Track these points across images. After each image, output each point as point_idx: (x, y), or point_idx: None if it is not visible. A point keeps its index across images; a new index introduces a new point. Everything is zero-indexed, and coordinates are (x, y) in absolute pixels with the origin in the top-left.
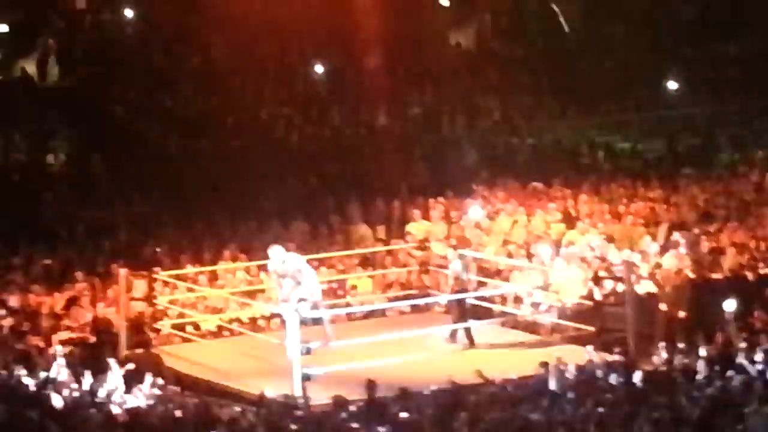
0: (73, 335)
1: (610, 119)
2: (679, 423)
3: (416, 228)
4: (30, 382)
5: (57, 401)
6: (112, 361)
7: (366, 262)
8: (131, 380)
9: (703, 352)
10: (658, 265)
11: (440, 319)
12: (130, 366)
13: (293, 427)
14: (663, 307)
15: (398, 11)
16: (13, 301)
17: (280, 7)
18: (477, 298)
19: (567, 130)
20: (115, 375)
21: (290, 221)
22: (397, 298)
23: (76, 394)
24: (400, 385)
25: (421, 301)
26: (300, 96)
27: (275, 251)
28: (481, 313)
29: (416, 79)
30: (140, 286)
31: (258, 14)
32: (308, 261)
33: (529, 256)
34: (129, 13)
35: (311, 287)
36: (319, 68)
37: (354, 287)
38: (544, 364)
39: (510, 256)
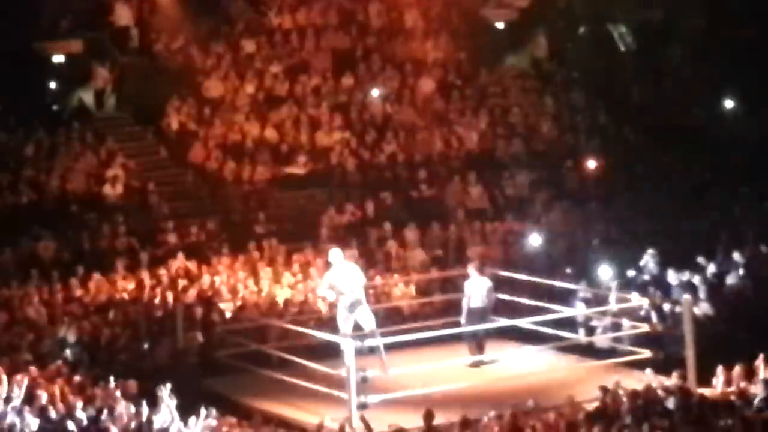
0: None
1: (665, 139)
2: None
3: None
4: (83, 416)
5: None
6: (166, 392)
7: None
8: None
9: (763, 374)
10: (718, 286)
11: (497, 345)
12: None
13: None
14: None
15: (453, 35)
16: (72, 331)
17: (334, 32)
18: (534, 323)
19: (623, 151)
20: (171, 406)
21: (346, 247)
22: (454, 324)
23: (133, 425)
24: (458, 413)
25: (477, 328)
26: (356, 122)
27: (335, 254)
28: (537, 338)
29: (472, 104)
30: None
31: (314, 38)
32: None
33: (588, 278)
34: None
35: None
36: (374, 93)
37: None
38: (603, 389)
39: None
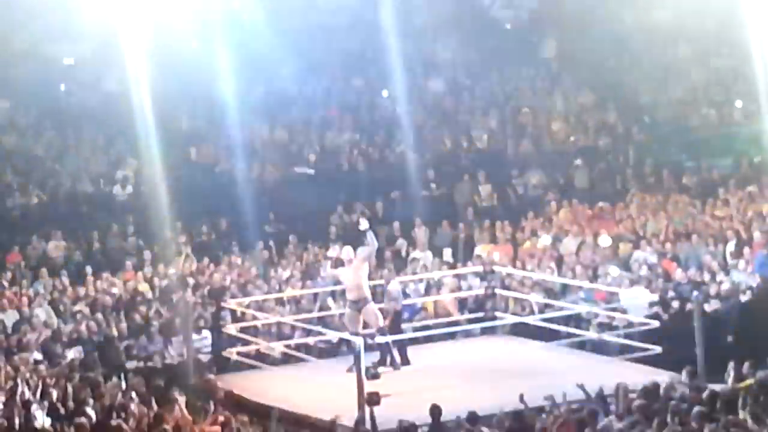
0: (141, 364)
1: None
2: None
3: (483, 251)
4: (92, 413)
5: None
6: (176, 391)
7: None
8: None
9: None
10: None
11: (506, 343)
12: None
13: None
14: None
15: (463, 36)
16: (81, 332)
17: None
18: (543, 319)
19: (633, 150)
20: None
21: (356, 245)
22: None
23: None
24: (466, 409)
25: (485, 324)
26: (365, 121)
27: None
28: (547, 335)
29: (481, 105)
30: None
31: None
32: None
33: (596, 276)
34: None
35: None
36: (384, 93)
37: (425, 309)
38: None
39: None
